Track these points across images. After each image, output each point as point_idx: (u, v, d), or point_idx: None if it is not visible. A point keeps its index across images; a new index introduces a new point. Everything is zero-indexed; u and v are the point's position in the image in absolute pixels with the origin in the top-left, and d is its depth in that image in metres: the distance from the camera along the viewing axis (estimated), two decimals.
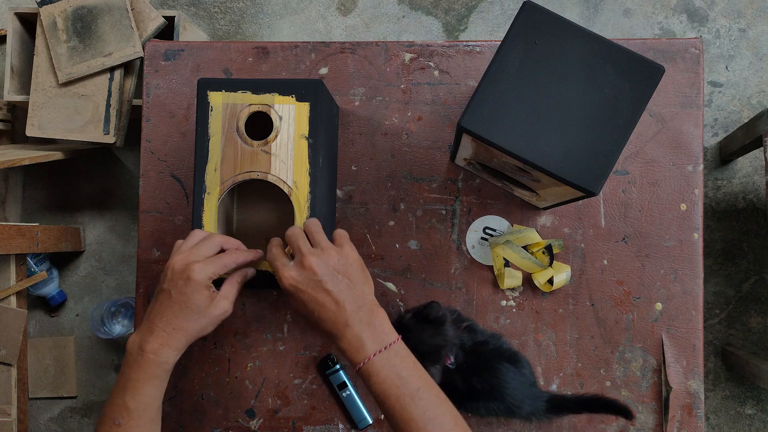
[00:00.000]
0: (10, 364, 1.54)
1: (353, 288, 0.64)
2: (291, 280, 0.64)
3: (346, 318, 0.62)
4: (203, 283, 0.65)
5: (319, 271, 0.64)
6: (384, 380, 0.60)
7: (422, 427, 0.59)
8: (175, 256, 0.67)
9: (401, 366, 0.61)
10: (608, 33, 1.70)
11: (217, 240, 0.69)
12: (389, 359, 0.61)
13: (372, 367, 0.61)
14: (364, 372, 0.61)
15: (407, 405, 0.59)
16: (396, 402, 0.60)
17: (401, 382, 0.60)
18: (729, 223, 1.65)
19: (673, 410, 0.83)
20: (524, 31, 0.65)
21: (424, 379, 0.62)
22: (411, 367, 0.62)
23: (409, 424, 0.59)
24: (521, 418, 0.81)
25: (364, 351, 0.61)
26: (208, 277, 0.65)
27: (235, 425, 0.87)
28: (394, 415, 0.60)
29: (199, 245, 0.68)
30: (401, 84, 0.89)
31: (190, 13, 1.78)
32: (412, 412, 0.59)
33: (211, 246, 0.68)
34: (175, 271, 0.65)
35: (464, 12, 1.74)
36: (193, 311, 0.65)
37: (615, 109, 0.64)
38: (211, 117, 0.73)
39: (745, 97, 1.67)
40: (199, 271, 0.65)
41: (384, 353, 0.61)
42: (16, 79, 1.56)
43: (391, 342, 0.63)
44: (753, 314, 1.63)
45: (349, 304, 0.63)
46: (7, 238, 1.43)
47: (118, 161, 1.78)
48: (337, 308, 0.62)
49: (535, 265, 0.85)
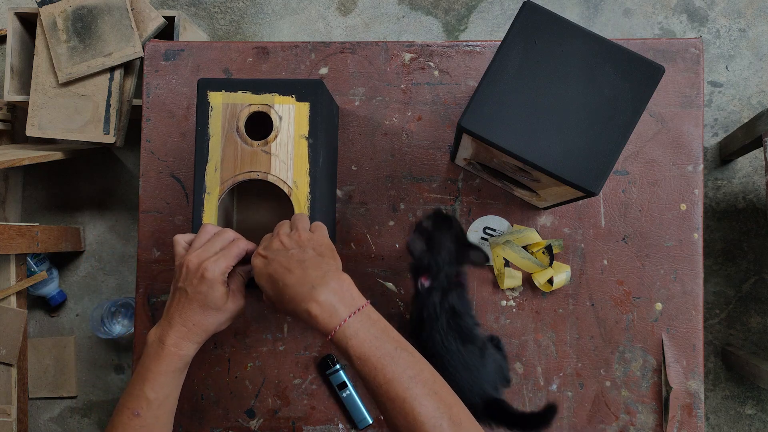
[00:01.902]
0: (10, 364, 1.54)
1: (320, 258, 0.64)
2: (260, 254, 0.65)
3: (312, 281, 0.61)
4: (218, 279, 0.65)
5: (287, 243, 0.65)
6: (363, 342, 0.59)
7: (405, 386, 0.58)
8: (189, 254, 0.67)
9: (375, 328, 0.60)
10: (608, 33, 1.70)
11: (229, 235, 0.69)
12: (363, 322, 0.60)
13: (348, 330, 0.59)
14: (340, 336, 0.60)
15: (387, 365, 0.58)
16: (377, 362, 0.58)
17: (379, 342, 0.59)
18: (729, 223, 1.65)
19: (673, 410, 0.83)
20: (524, 31, 0.65)
21: (398, 340, 0.61)
22: (384, 328, 0.61)
23: (391, 383, 0.58)
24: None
25: (336, 315, 0.60)
26: (221, 272, 0.66)
27: (235, 425, 0.87)
28: (376, 377, 0.59)
29: (212, 241, 0.68)
30: (401, 84, 0.89)
31: (190, 13, 1.78)
32: (394, 371, 0.58)
33: (223, 242, 0.68)
34: (190, 269, 0.66)
35: (464, 12, 1.74)
36: (210, 308, 0.66)
37: (615, 109, 0.64)
38: (211, 117, 0.73)
39: (745, 97, 1.67)
40: (213, 269, 0.65)
41: (357, 315, 0.60)
42: (16, 79, 1.56)
43: (362, 306, 0.62)
44: (753, 314, 1.63)
45: (313, 269, 0.62)
46: (7, 238, 1.43)
47: (118, 161, 1.78)
48: (303, 272, 0.62)
49: (535, 265, 0.85)
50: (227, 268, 0.66)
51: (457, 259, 0.74)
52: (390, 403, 0.58)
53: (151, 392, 0.65)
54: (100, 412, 1.74)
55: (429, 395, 0.58)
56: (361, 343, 0.59)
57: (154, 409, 0.65)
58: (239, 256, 0.68)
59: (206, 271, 0.65)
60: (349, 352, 0.60)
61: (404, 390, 0.58)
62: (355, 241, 0.88)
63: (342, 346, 0.60)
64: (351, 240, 0.88)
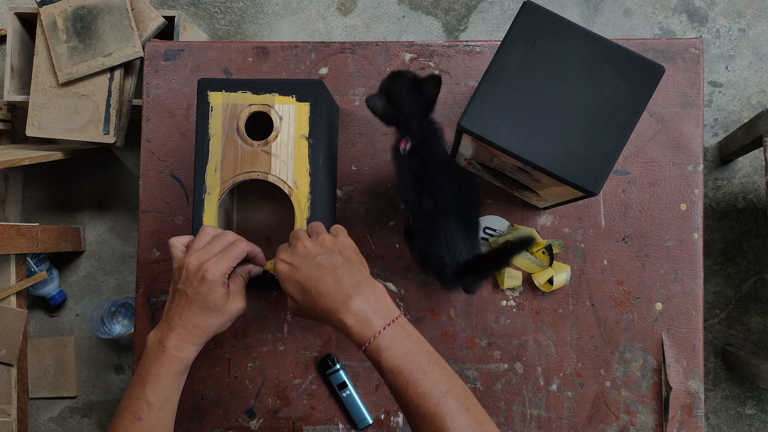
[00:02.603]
0: (10, 364, 1.54)
1: (349, 265, 0.63)
2: (285, 260, 0.64)
3: (346, 290, 0.60)
4: (218, 281, 0.65)
5: (313, 250, 0.64)
6: (396, 354, 0.58)
7: (437, 401, 0.57)
8: (189, 256, 0.67)
9: (409, 340, 0.60)
10: (608, 33, 1.70)
11: (229, 237, 0.69)
12: (397, 334, 0.59)
13: (383, 342, 0.58)
14: (374, 348, 0.59)
15: (420, 379, 0.58)
16: (409, 376, 0.58)
17: (412, 356, 0.59)
18: (729, 223, 1.65)
19: (673, 410, 0.83)
20: (524, 31, 0.65)
21: (431, 353, 0.60)
22: (417, 341, 0.60)
23: (423, 398, 0.57)
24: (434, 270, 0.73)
25: (371, 326, 0.59)
26: (222, 274, 0.65)
27: (235, 425, 0.87)
28: (407, 391, 0.58)
29: (212, 243, 0.68)
30: None
31: (190, 13, 1.78)
32: (426, 385, 0.57)
33: (223, 244, 0.68)
34: (190, 271, 0.65)
35: (464, 12, 1.74)
36: (211, 309, 0.65)
37: (615, 109, 0.64)
38: (211, 117, 0.73)
39: (745, 97, 1.67)
40: (213, 270, 0.65)
41: (392, 327, 0.59)
42: (16, 79, 1.56)
43: (396, 317, 0.61)
44: (753, 314, 1.63)
45: (347, 278, 0.61)
46: (7, 238, 1.43)
47: (118, 161, 1.78)
48: (335, 281, 0.60)
49: (535, 265, 0.85)
50: (228, 269, 0.66)
51: (424, 110, 0.71)
52: (420, 418, 0.58)
53: (152, 395, 0.65)
54: (100, 412, 1.74)
55: (460, 411, 0.57)
56: (394, 356, 0.58)
57: (155, 411, 0.65)
58: (239, 257, 0.68)
59: (207, 273, 0.65)
60: (382, 365, 0.59)
61: (435, 405, 0.57)
62: (355, 241, 0.87)
63: (375, 358, 0.59)
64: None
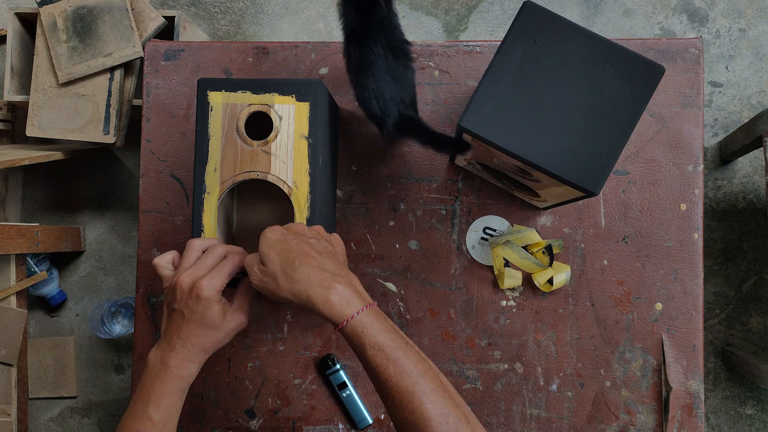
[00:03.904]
0: (10, 364, 1.54)
1: (335, 256, 0.65)
2: (277, 229, 0.65)
3: (332, 270, 0.62)
4: (213, 298, 0.65)
5: (307, 232, 0.66)
6: (378, 332, 0.59)
7: (414, 381, 0.58)
8: (179, 274, 0.66)
9: (387, 323, 0.61)
10: (608, 33, 1.70)
11: (219, 251, 0.68)
12: (377, 315, 0.61)
13: (365, 319, 0.60)
14: (355, 324, 0.60)
15: (400, 357, 0.59)
16: (390, 354, 0.59)
17: (392, 335, 0.60)
18: (729, 223, 1.65)
19: (673, 410, 0.83)
20: (524, 31, 0.65)
21: (407, 339, 0.62)
22: (393, 325, 0.62)
23: (401, 376, 0.58)
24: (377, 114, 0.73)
25: (353, 305, 0.60)
26: (216, 290, 0.65)
27: (235, 425, 0.87)
28: (387, 368, 0.59)
29: (203, 259, 0.67)
30: None
31: (190, 13, 1.78)
32: (406, 364, 0.59)
33: (214, 258, 0.68)
34: (183, 290, 0.65)
35: (464, 12, 1.74)
36: (208, 327, 0.65)
37: (615, 109, 0.64)
38: (211, 117, 0.73)
39: (745, 97, 1.67)
40: (207, 288, 0.64)
41: (370, 309, 0.61)
42: (16, 79, 1.56)
43: (372, 303, 0.62)
44: (753, 314, 1.63)
45: (331, 263, 0.63)
46: (7, 238, 1.43)
47: (118, 161, 1.78)
48: (322, 259, 0.62)
49: (535, 265, 0.85)
50: (222, 285, 0.66)
51: None
52: (399, 396, 0.58)
53: (155, 413, 0.65)
54: (100, 412, 1.74)
55: (437, 391, 0.58)
56: (377, 333, 0.59)
57: (158, 429, 0.65)
58: (234, 271, 0.67)
59: (201, 290, 0.64)
60: (364, 340, 0.59)
61: (413, 384, 0.58)
62: (355, 241, 0.88)
63: (357, 333, 0.60)
64: (351, 240, 0.88)
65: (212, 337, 0.66)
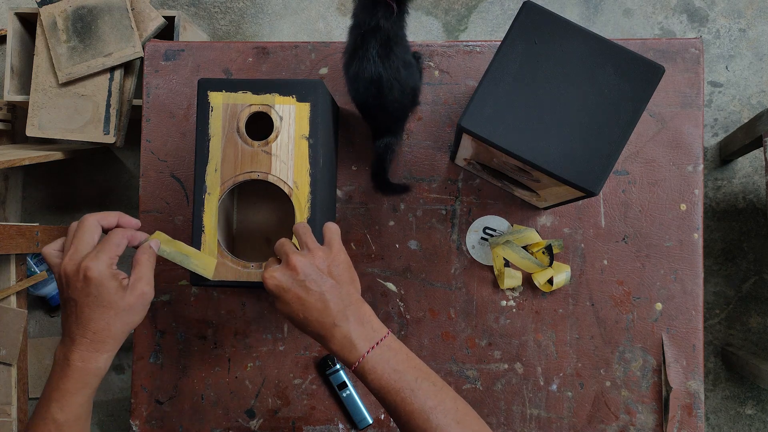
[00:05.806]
0: (10, 364, 1.54)
1: (339, 287, 0.62)
2: (274, 280, 0.62)
3: (333, 318, 0.61)
4: (104, 275, 0.59)
5: (302, 270, 0.61)
6: (381, 376, 0.60)
7: (425, 418, 0.58)
8: (62, 260, 0.61)
9: (395, 360, 0.61)
10: (608, 33, 1.70)
11: (90, 222, 0.62)
12: (383, 354, 0.60)
13: (367, 365, 0.60)
14: (359, 371, 0.61)
15: (407, 398, 0.59)
16: (396, 396, 0.59)
17: (398, 375, 0.60)
18: (729, 223, 1.65)
19: (673, 410, 0.83)
20: (524, 31, 0.65)
21: (420, 369, 0.61)
22: (405, 359, 0.61)
23: (412, 416, 0.58)
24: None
25: (356, 350, 0.60)
26: (106, 266, 0.60)
27: (235, 425, 0.87)
28: (396, 409, 0.59)
29: (77, 237, 0.61)
30: None
31: (190, 13, 1.78)
32: (414, 404, 0.58)
33: (89, 232, 0.62)
34: (69, 275, 0.60)
35: (464, 12, 1.74)
36: (107, 308, 0.60)
37: (615, 109, 0.64)
38: (212, 117, 0.73)
39: (745, 97, 1.67)
40: (94, 267, 0.59)
41: (377, 349, 0.60)
42: (16, 79, 1.56)
43: (382, 337, 0.62)
44: (753, 314, 1.63)
45: (334, 303, 0.61)
46: (7, 238, 1.43)
47: (118, 161, 1.78)
48: (323, 307, 0.61)
49: (535, 265, 0.85)
50: (111, 260, 0.61)
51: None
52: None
53: (59, 413, 0.59)
54: (100, 412, 1.74)
55: (450, 426, 0.58)
56: (379, 378, 0.60)
57: (63, 431, 0.60)
58: (120, 245, 0.62)
59: (88, 271, 0.59)
60: (369, 385, 0.61)
61: (425, 422, 0.58)
62: (355, 241, 0.88)
63: (362, 379, 0.61)
64: (351, 240, 0.88)
65: (115, 319, 0.60)
